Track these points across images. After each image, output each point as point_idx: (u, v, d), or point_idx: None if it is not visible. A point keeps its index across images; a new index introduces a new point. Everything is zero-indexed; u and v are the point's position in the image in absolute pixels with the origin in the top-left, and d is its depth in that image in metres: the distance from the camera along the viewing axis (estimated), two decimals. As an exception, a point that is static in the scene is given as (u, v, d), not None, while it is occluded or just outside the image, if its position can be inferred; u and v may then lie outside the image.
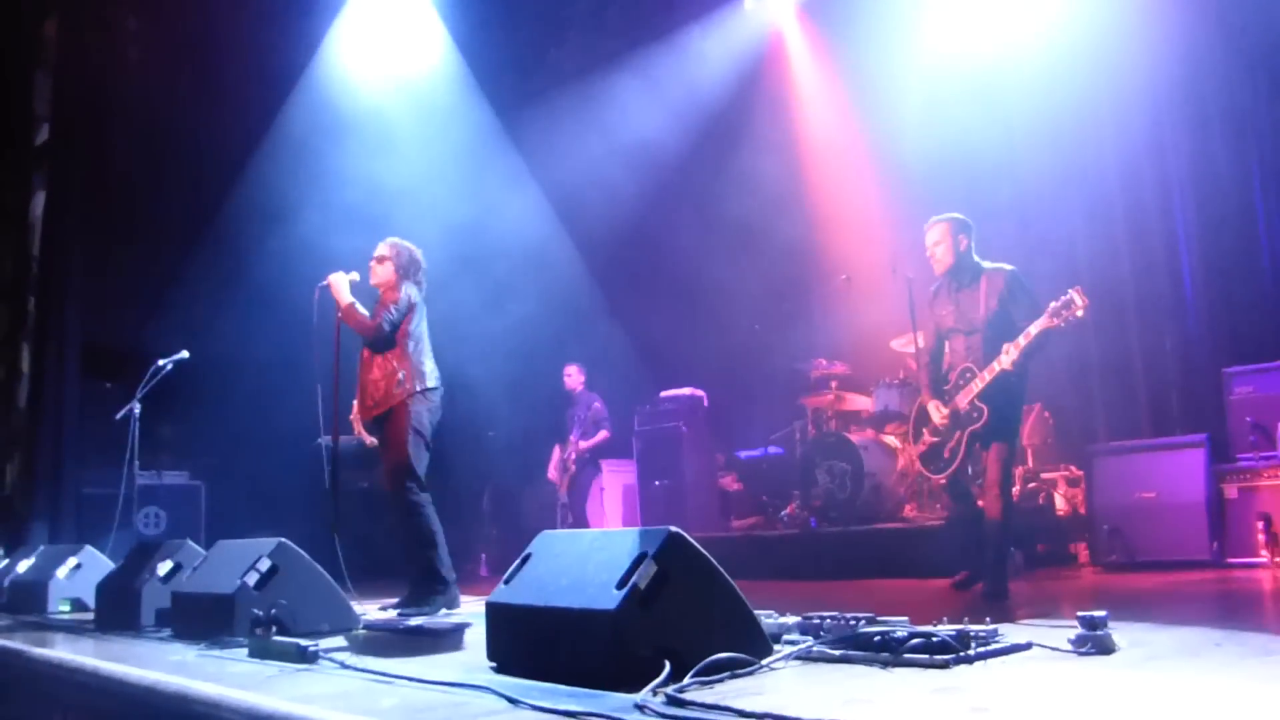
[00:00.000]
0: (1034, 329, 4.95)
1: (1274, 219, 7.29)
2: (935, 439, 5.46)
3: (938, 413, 5.39)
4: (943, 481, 5.57)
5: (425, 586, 5.50)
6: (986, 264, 5.37)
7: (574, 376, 9.74)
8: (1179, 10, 7.41)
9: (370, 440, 5.96)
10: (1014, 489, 7.21)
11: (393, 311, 5.65)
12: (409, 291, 5.75)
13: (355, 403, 5.94)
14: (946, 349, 5.50)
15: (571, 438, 9.47)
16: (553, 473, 9.59)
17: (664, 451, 9.43)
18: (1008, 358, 5.01)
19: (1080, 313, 4.83)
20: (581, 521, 9.26)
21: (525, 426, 10.40)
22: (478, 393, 9.65)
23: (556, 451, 9.60)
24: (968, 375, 5.24)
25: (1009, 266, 5.34)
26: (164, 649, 4.17)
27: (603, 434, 9.50)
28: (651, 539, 2.91)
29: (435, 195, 9.48)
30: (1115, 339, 7.94)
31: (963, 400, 5.25)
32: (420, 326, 5.78)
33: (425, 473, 5.65)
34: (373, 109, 10.15)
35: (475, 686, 2.76)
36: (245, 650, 3.80)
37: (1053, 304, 4.89)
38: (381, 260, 5.83)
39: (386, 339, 5.67)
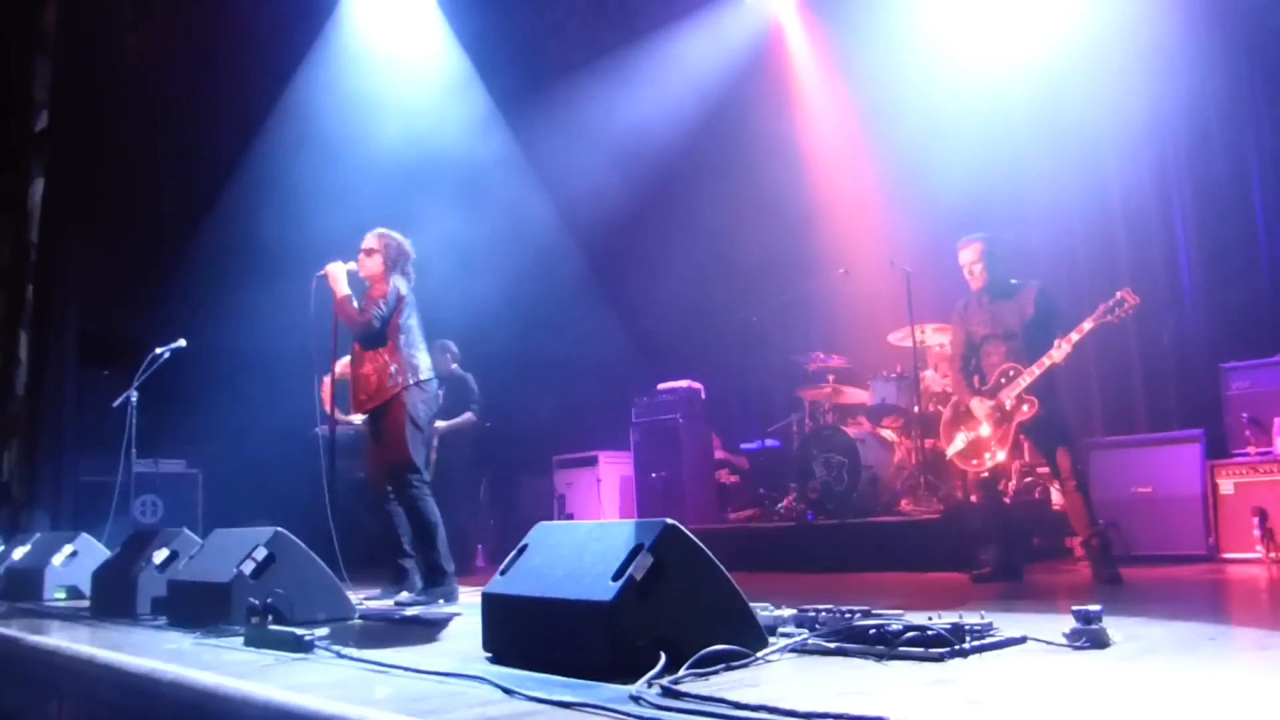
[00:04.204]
0: (1087, 325, 5.40)
1: (1272, 214, 7.29)
2: (973, 434, 5.78)
3: (982, 407, 5.74)
4: (985, 475, 5.81)
5: (425, 578, 5.49)
6: (1014, 280, 5.86)
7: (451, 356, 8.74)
8: (1177, 8, 7.40)
9: (341, 416, 5.97)
10: (1007, 484, 7.28)
11: (381, 306, 5.53)
12: (397, 284, 5.63)
13: (326, 379, 5.94)
14: (978, 355, 5.91)
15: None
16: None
17: (661, 443, 9.42)
18: (1059, 352, 5.43)
19: (1130, 310, 5.36)
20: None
21: (522, 417, 10.38)
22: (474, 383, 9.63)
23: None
24: (1011, 374, 5.63)
25: (1036, 282, 5.87)
26: (160, 637, 4.18)
27: (467, 415, 8.72)
28: (648, 531, 2.91)
29: (435, 183, 9.45)
30: (1112, 334, 7.91)
31: (1007, 396, 5.62)
32: (410, 319, 5.65)
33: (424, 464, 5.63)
34: (373, 97, 10.13)
35: (471, 677, 2.77)
36: (241, 639, 3.81)
37: (1105, 304, 5.40)
38: (369, 253, 5.70)
39: (377, 334, 5.55)
